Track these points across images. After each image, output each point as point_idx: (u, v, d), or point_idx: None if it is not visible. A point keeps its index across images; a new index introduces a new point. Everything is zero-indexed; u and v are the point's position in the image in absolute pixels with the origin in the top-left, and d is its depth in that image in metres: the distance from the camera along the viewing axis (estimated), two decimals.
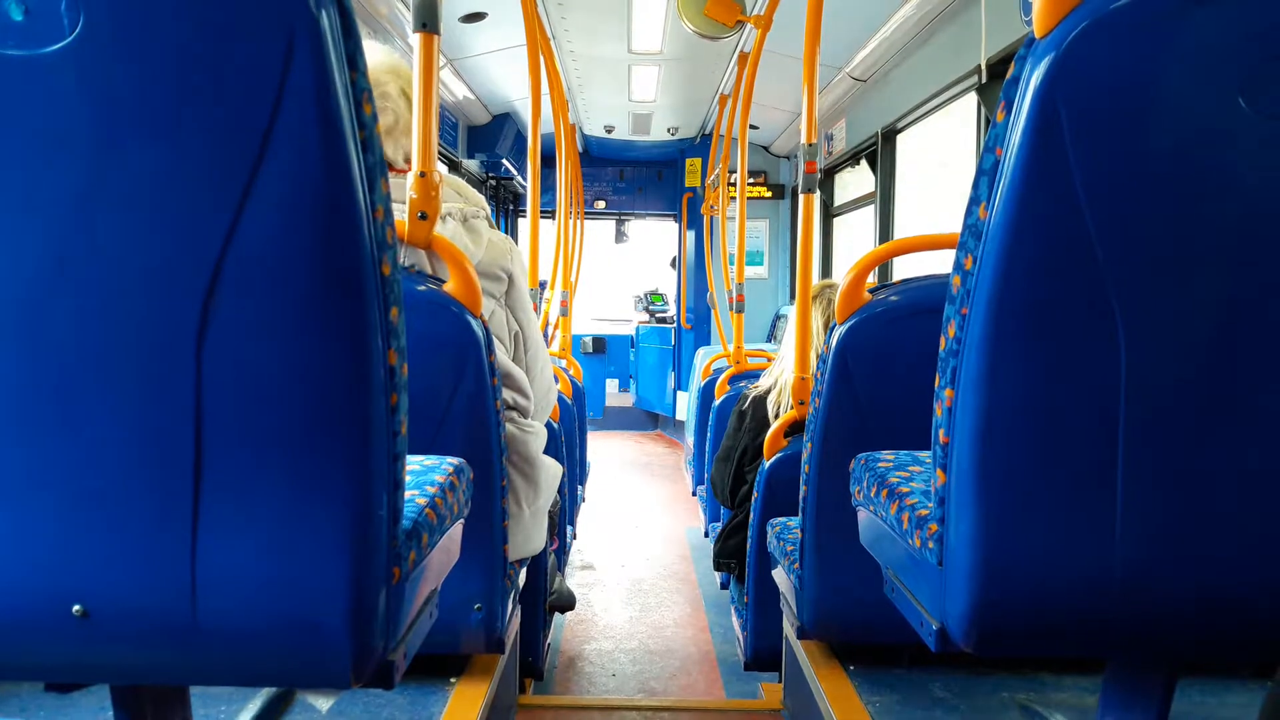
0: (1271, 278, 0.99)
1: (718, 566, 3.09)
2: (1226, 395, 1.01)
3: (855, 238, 6.60)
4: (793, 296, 6.34)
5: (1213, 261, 0.99)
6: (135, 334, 0.91)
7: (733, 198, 6.31)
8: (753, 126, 7.07)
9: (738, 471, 2.97)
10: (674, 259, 9.54)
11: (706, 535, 4.43)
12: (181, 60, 0.87)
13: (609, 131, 8.21)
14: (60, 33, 0.86)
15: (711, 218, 7.82)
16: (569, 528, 4.03)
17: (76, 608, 0.94)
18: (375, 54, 1.90)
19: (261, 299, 0.91)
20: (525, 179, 5.36)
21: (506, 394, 1.97)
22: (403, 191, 1.72)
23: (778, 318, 8.36)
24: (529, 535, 2.07)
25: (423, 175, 1.67)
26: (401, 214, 1.68)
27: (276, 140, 0.88)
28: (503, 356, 1.97)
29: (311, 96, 0.87)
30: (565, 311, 4.84)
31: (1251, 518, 1.03)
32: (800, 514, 2.05)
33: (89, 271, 0.89)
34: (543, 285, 4.92)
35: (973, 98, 3.94)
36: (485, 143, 7.33)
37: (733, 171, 6.02)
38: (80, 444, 0.92)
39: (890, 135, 5.34)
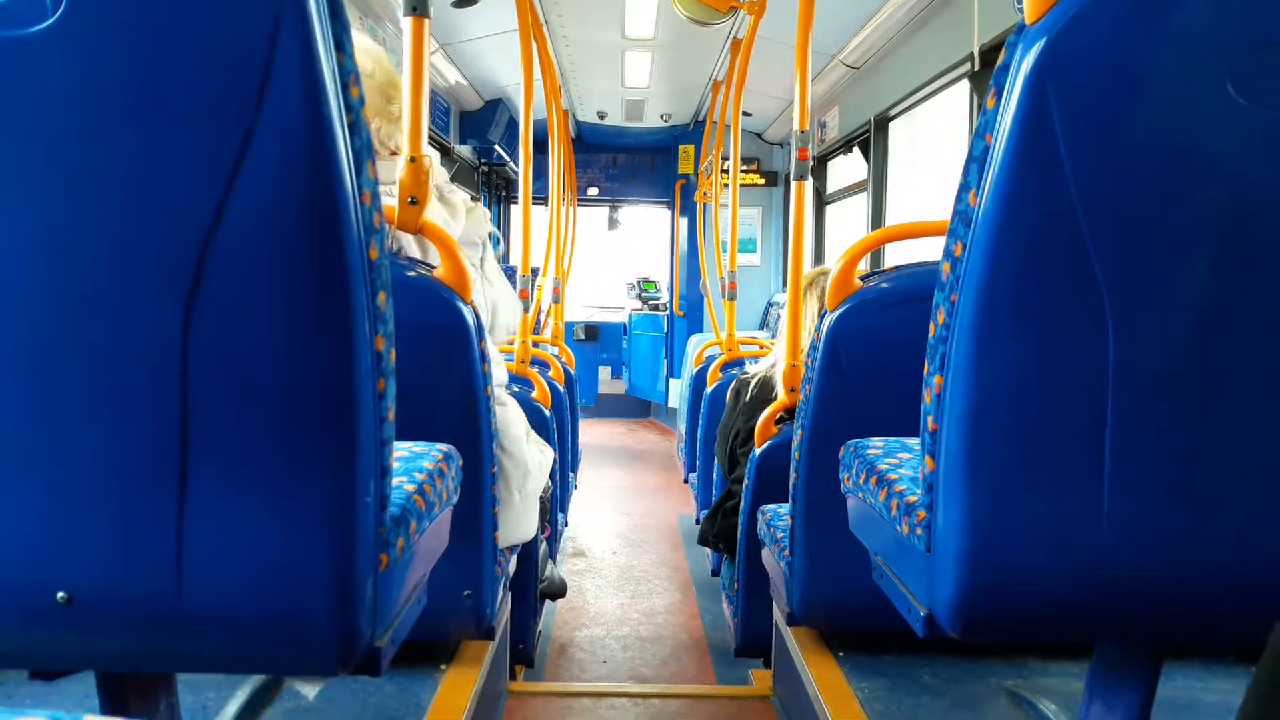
0: (1258, 263, 0.99)
1: (702, 541, 3.10)
2: (1213, 380, 1.02)
3: (848, 225, 6.59)
4: (785, 284, 6.35)
5: (1200, 247, 0.99)
6: (121, 318, 0.90)
7: (725, 184, 6.29)
8: (746, 113, 7.05)
9: (731, 452, 2.99)
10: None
11: (698, 522, 4.43)
12: (166, 42, 0.86)
13: (602, 118, 8.17)
14: (43, 14, 0.85)
15: (704, 204, 7.80)
16: (560, 515, 4.03)
17: (61, 594, 0.94)
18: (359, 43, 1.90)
19: (247, 283, 0.90)
20: (518, 165, 5.36)
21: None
22: (390, 175, 1.71)
23: (770, 305, 8.35)
24: (520, 522, 2.07)
25: (413, 160, 1.66)
26: (388, 198, 1.67)
27: (263, 123, 0.87)
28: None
29: (297, 79, 0.87)
30: (558, 298, 4.83)
31: (1238, 502, 1.04)
32: (790, 501, 2.05)
33: (73, 255, 0.89)
34: (535, 272, 4.92)
35: (965, 85, 3.93)
36: (478, 128, 7.29)
37: (725, 158, 6.01)
38: (65, 430, 0.91)
39: (883, 123, 5.33)
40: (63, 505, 0.93)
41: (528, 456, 2.08)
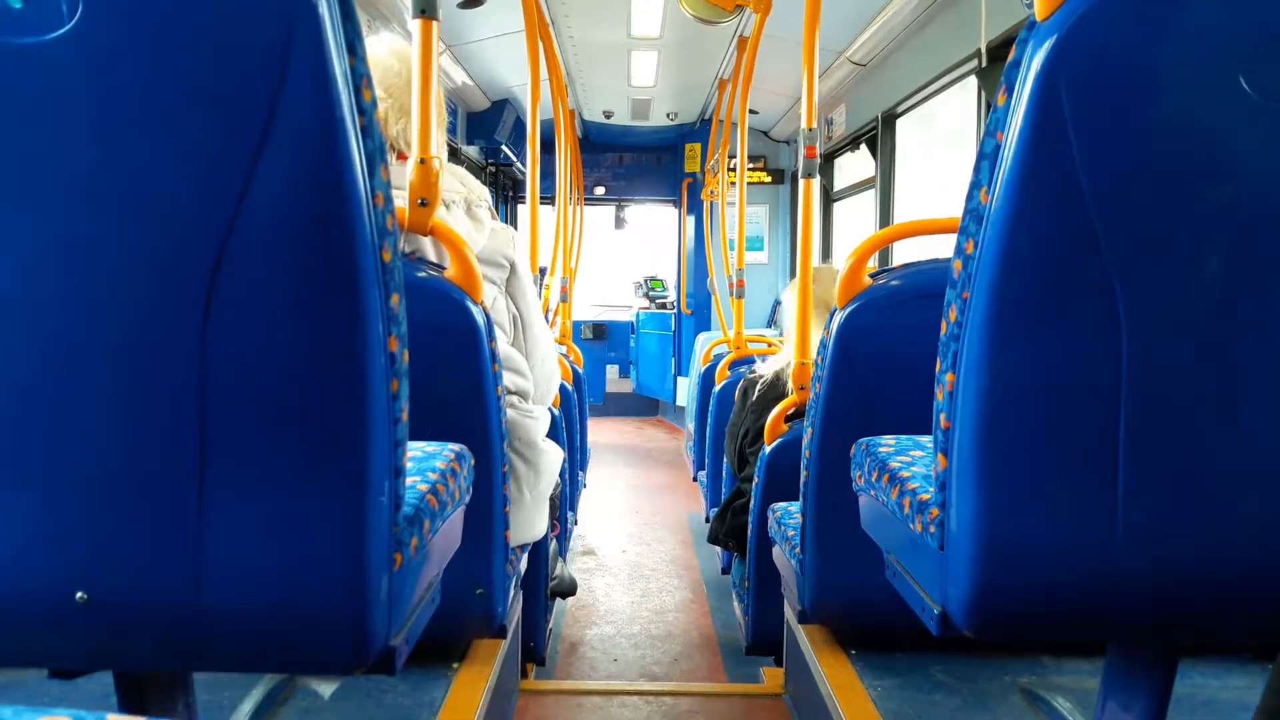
0: (1273, 260, 0.99)
1: (713, 540, 3.11)
2: (1227, 377, 1.01)
3: (855, 220, 6.58)
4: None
5: (1214, 244, 0.99)
6: (139, 321, 0.91)
7: (732, 183, 6.28)
8: (752, 111, 7.05)
9: (740, 451, 3.00)
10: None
11: (707, 520, 4.44)
12: (181, 47, 0.87)
13: (608, 117, 8.17)
14: (59, 20, 0.85)
15: (711, 203, 7.80)
16: (570, 513, 4.03)
17: (80, 594, 0.94)
18: (387, 43, 1.92)
19: (263, 286, 0.91)
20: (525, 165, 5.35)
21: (507, 378, 1.97)
22: (403, 178, 1.71)
23: (777, 303, 8.35)
24: (530, 521, 2.08)
25: (423, 162, 1.67)
26: (401, 200, 1.67)
27: (277, 127, 0.87)
28: (503, 342, 1.97)
29: (311, 83, 0.87)
30: (565, 298, 4.83)
31: (1253, 499, 1.03)
32: (801, 499, 2.05)
33: (91, 259, 0.89)
34: (543, 271, 4.92)
35: (972, 81, 3.92)
36: (484, 129, 7.31)
37: (732, 156, 6.00)
38: (85, 431, 0.92)
39: (890, 119, 5.32)
40: (83, 506, 0.93)
41: (543, 464, 2.09)
